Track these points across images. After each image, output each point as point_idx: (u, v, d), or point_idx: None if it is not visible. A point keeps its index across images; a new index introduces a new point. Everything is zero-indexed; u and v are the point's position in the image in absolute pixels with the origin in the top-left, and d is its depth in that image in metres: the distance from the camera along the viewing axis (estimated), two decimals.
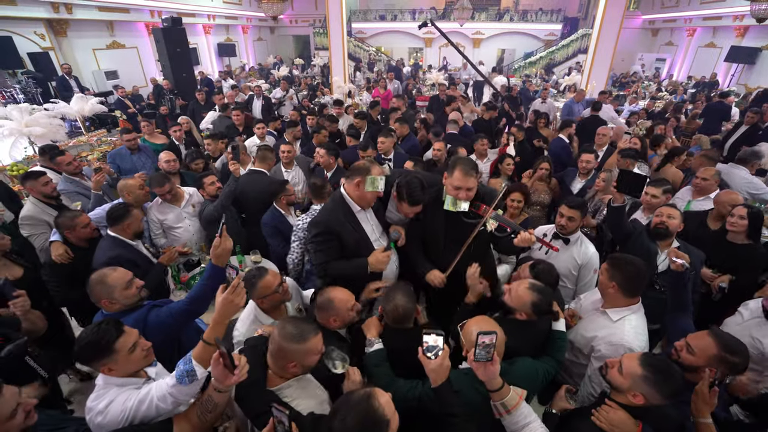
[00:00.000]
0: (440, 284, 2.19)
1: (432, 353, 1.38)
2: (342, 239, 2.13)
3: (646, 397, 1.39)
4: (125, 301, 1.84)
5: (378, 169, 2.10)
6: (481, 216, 2.07)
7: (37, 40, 9.52)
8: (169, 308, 1.90)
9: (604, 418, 1.41)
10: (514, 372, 1.60)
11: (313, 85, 11.79)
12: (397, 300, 1.82)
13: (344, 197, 2.16)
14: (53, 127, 5.43)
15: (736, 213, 2.64)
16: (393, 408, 1.18)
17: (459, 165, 2.04)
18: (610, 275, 1.87)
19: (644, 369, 1.39)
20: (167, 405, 1.38)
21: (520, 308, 1.81)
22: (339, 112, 6.15)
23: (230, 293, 1.44)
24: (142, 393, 1.40)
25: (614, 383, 1.47)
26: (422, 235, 2.33)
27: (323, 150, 3.79)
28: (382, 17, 20.47)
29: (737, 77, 13.16)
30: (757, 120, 5.48)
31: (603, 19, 8.60)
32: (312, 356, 1.47)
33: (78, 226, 2.57)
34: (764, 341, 1.97)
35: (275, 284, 1.90)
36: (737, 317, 2.22)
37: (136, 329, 1.51)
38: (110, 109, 8.02)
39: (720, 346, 1.54)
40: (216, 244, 1.71)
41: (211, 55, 16.19)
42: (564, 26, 18.80)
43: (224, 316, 1.45)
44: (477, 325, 1.57)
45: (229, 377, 1.28)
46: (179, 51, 9.17)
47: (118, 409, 1.36)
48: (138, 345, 1.47)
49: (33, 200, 3.14)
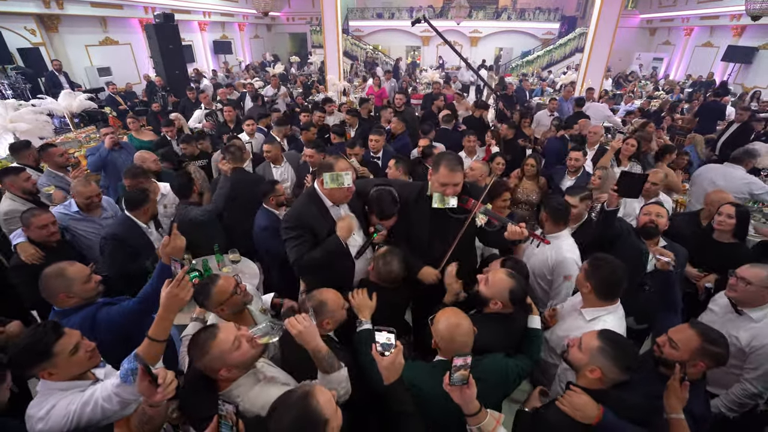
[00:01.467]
0: (434, 281, 2.15)
1: (386, 350, 1.36)
2: (315, 233, 2.10)
3: (603, 370, 1.45)
4: (84, 294, 1.79)
5: (342, 164, 2.06)
6: (469, 211, 2.06)
7: (27, 36, 9.42)
8: (120, 307, 1.85)
9: (567, 403, 1.44)
10: (482, 366, 1.56)
11: (308, 83, 11.73)
12: (393, 265, 2.02)
13: (317, 193, 2.14)
14: (39, 123, 5.35)
15: (724, 212, 2.60)
16: (334, 407, 1.14)
17: (444, 161, 2.00)
18: (587, 275, 1.85)
19: (600, 341, 1.47)
20: (113, 406, 1.32)
21: (496, 296, 1.79)
22: (331, 109, 6.09)
23: (174, 287, 1.39)
24: (86, 395, 1.34)
25: (574, 362, 1.54)
26: (407, 234, 2.28)
27: (312, 150, 3.74)
28: (380, 15, 20.38)
29: (734, 77, 13.14)
30: (747, 118, 5.44)
31: (599, 18, 8.53)
32: (230, 354, 1.35)
33: (32, 225, 2.42)
34: (739, 335, 1.95)
35: (230, 287, 1.79)
36: (710, 314, 2.19)
37: (78, 330, 1.44)
38: (101, 106, 7.93)
39: (702, 337, 1.54)
40: (165, 243, 1.69)
41: (207, 53, 16.08)
42: (562, 25, 18.75)
43: (169, 311, 1.41)
44: (446, 316, 1.55)
45: (154, 393, 1.21)
46: (172, 47, 9.09)
47: (60, 414, 1.30)
48: (80, 346, 1.40)
49: (10, 196, 3.08)
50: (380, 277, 2.08)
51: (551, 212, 2.40)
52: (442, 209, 2.04)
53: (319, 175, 2.08)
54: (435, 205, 2.03)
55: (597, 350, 1.46)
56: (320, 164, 2.09)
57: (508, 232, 1.96)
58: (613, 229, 2.57)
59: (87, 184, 2.86)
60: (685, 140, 5.71)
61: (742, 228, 2.59)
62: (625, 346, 1.48)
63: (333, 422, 1.11)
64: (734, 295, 2.01)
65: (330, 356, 1.44)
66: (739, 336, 1.95)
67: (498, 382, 1.63)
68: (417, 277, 2.18)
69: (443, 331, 1.53)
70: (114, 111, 7.83)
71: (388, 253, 2.07)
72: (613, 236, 2.58)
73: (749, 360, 1.91)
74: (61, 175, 3.61)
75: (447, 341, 1.53)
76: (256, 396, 1.40)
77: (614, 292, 1.82)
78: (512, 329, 1.84)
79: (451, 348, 1.52)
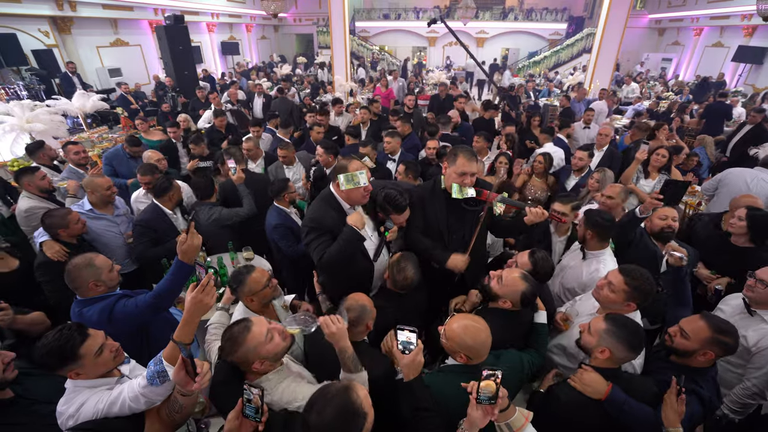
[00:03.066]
0: (464, 266, 2.16)
1: (406, 349, 1.40)
2: (333, 234, 2.11)
3: (612, 350, 1.53)
4: (110, 283, 1.90)
5: (356, 163, 2.08)
6: (485, 202, 2.13)
7: (41, 38, 9.59)
8: (135, 300, 1.92)
9: (578, 379, 1.55)
10: (502, 364, 1.60)
11: (315, 84, 11.80)
12: (408, 271, 1.98)
13: (334, 196, 2.15)
14: (54, 123, 5.48)
15: (737, 214, 2.58)
16: (370, 402, 1.17)
17: (461, 152, 2.08)
18: (629, 296, 1.77)
19: (607, 323, 1.57)
20: (140, 405, 1.36)
21: (507, 296, 1.83)
22: (339, 110, 6.13)
23: (199, 292, 1.41)
24: (113, 394, 1.38)
25: (586, 345, 1.63)
26: (422, 228, 2.31)
27: (322, 149, 3.79)
28: (386, 16, 20.43)
29: (744, 77, 12.98)
30: (760, 120, 5.38)
31: (607, 18, 8.51)
32: (264, 346, 1.39)
33: (71, 222, 2.54)
34: (747, 334, 1.95)
35: (264, 280, 1.89)
36: (719, 314, 2.16)
37: (101, 331, 1.48)
38: (112, 107, 8.06)
39: (712, 327, 1.60)
40: (182, 240, 1.71)
41: (215, 54, 16.23)
42: (569, 25, 18.65)
43: (194, 316, 1.43)
44: (459, 323, 1.53)
45: (190, 383, 1.26)
46: (181, 48, 9.20)
47: (90, 412, 1.35)
48: (105, 347, 1.45)
49: (27, 194, 3.18)
50: (396, 285, 2.04)
51: (598, 230, 2.23)
52: (458, 202, 2.10)
53: (334, 179, 2.09)
54: (454, 195, 2.08)
55: (605, 332, 1.56)
56: (334, 168, 2.11)
57: (530, 214, 2.04)
58: (633, 235, 2.56)
59: (100, 175, 2.96)
60: (695, 142, 5.66)
61: (760, 232, 2.53)
62: (631, 327, 1.56)
63: (370, 417, 1.14)
64: (751, 296, 2.01)
65: (355, 357, 1.47)
66: (747, 335, 1.95)
67: (515, 378, 1.66)
68: (446, 266, 2.18)
69: (470, 343, 1.48)
70: (125, 111, 7.94)
71: (401, 258, 2.05)
72: (629, 242, 2.58)
73: (753, 360, 1.92)
74: (81, 171, 3.73)
75: (467, 349, 1.50)
76: (283, 391, 1.44)
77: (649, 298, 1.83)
78: (516, 325, 1.87)
79: (482, 354, 1.51)
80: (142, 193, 3.23)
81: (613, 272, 1.83)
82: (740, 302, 2.10)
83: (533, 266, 2.03)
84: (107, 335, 1.54)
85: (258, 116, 7.45)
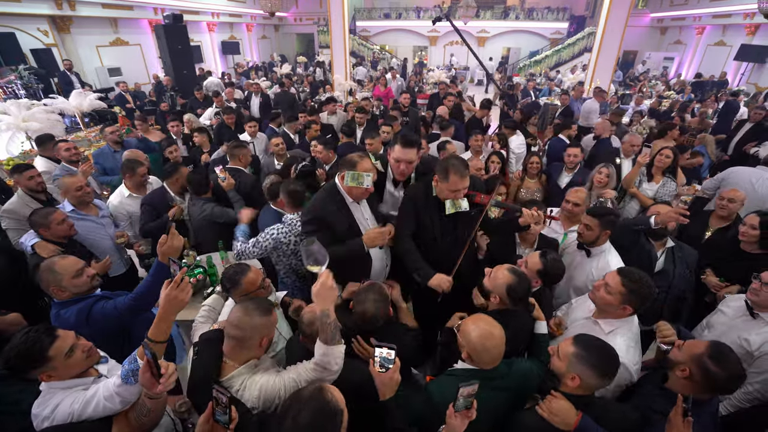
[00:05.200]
0: (447, 288, 2.08)
1: (383, 366, 1.35)
2: (334, 228, 2.09)
3: (582, 376, 1.40)
4: (74, 289, 1.83)
5: (367, 164, 2.05)
6: (481, 205, 2.09)
7: (40, 37, 9.59)
8: (115, 302, 1.87)
9: (546, 407, 1.42)
10: (514, 374, 1.57)
11: (315, 83, 11.77)
12: (367, 305, 1.75)
13: (338, 187, 2.13)
14: (51, 122, 5.48)
15: (748, 222, 2.47)
16: (343, 399, 1.17)
17: (452, 169, 1.99)
18: (625, 299, 1.70)
19: (576, 347, 1.44)
20: (115, 405, 1.34)
21: (495, 290, 1.81)
22: (333, 109, 6.11)
23: (173, 289, 1.38)
24: (88, 394, 1.36)
25: (556, 370, 1.49)
26: (413, 231, 2.25)
27: (320, 146, 3.76)
28: (387, 15, 20.40)
29: (747, 76, 12.88)
30: (762, 118, 5.31)
31: (608, 17, 8.45)
32: (274, 329, 1.52)
33: (53, 222, 2.44)
34: (750, 338, 1.90)
35: (259, 280, 1.88)
36: (721, 316, 2.14)
37: (72, 332, 1.44)
38: (110, 105, 8.05)
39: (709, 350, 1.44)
40: (162, 242, 1.68)
41: (215, 53, 16.23)
42: (570, 25, 18.57)
43: (168, 313, 1.40)
44: (475, 323, 1.51)
45: (155, 385, 1.22)
46: (180, 48, 9.20)
47: (65, 413, 1.32)
48: (76, 347, 1.41)
49: (20, 193, 3.14)
50: (358, 319, 1.78)
51: (604, 222, 2.17)
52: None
53: (341, 170, 2.06)
54: (449, 211, 2.06)
55: (573, 356, 1.43)
56: (344, 160, 2.06)
57: (526, 216, 2.01)
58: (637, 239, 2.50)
59: (70, 175, 2.87)
60: (695, 140, 5.58)
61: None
62: (602, 351, 1.43)
63: (345, 414, 1.14)
64: (755, 299, 1.95)
65: (335, 328, 1.43)
66: (750, 339, 1.90)
67: (525, 388, 1.59)
68: (429, 285, 2.11)
69: (476, 342, 1.46)
70: (123, 110, 7.93)
71: (367, 290, 1.82)
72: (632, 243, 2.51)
73: (756, 364, 1.86)
74: (74, 169, 3.70)
75: (480, 353, 1.47)
76: (261, 387, 1.42)
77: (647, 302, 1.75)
78: (513, 327, 1.79)
79: (483, 359, 1.48)
80: (125, 194, 3.18)
81: (611, 273, 1.78)
82: (742, 304, 2.04)
83: (544, 267, 2.00)
84: (83, 336, 1.51)
85: (255, 115, 7.41)
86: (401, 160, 2.17)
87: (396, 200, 2.39)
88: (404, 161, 2.16)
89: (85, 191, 2.84)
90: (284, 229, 2.47)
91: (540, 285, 2.07)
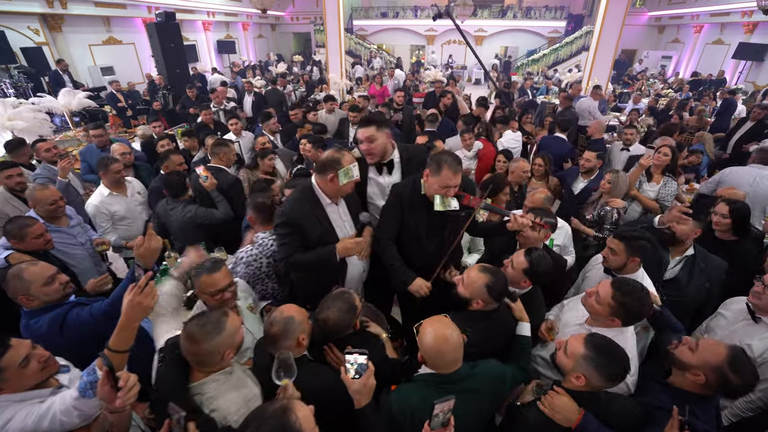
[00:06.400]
0: (426, 293, 2.03)
1: (356, 373, 1.28)
2: (305, 232, 2.00)
3: (588, 377, 1.37)
4: (45, 297, 1.72)
5: (349, 157, 1.98)
6: (470, 207, 2.00)
7: (30, 35, 9.47)
8: (91, 308, 1.77)
9: (548, 404, 1.40)
10: (479, 375, 1.49)
11: (311, 82, 11.68)
12: (329, 313, 1.65)
13: (314, 189, 2.04)
14: (37, 121, 5.36)
15: (719, 211, 2.49)
16: (312, 423, 1.07)
17: (446, 163, 1.91)
18: (613, 311, 1.62)
19: (586, 348, 1.39)
20: (72, 419, 1.25)
21: (475, 295, 1.72)
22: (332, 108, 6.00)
23: (137, 294, 1.30)
24: (43, 408, 1.27)
25: (561, 366, 1.46)
26: (395, 232, 2.16)
27: (309, 144, 3.66)
28: (384, 14, 20.29)
29: (745, 75, 12.83)
30: (762, 116, 5.24)
31: (605, 15, 8.40)
32: (239, 334, 1.40)
33: (29, 236, 2.24)
34: (753, 344, 1.81)
35: (221, 285, 1.69)
36: (720, 320, 2.05)
37: (28, 341, 1.35)
38: (101, 105, 7.94)
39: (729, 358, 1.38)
40: (139, 243, 1.57)
41: (211, 52, 16.11)
42: (568, 23, 18.48)
43: (131, 320, 1.32)
44: (432, 328, 1.43)
45: (114, 398, 1.13)
46: (173, 46, 9.08)
47: (17, 429, 1.23)
48: (32, 357, 1.32)
49: (2, 190, 3.09)
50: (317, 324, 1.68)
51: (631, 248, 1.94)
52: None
53: (319, 171, 1.98)
54: (437, 208, 1.96)
55: (582, 357, 1.39)
56: (325, 161, 1.98)
57: (515, 223, 1.94)
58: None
59: (44, 188, 2.62)
60: (694, 138, 5.50)
61: (739, 225, 2.48)
62: (613, 355, 1.38)
63: None
64: (758, 303, 1.86)
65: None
66: (752, 345, 1.81)
67: (495, 392, 1.55)
68: (409, 290, 2.04)
69: (430, 346, 1.40)
70: (114, 109, 7.82)
71: (333, 297, 1.72)
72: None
73: (759, 371, 1.77)
74: (55, 168, 3.58)
75: (434, 357, 1.42)
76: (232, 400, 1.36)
77: (638, 319, 1.69)
78: (498, 328, 1.76)
79: (439, 364, 1.43)
80: (104, 194, 3.06)
81: (605, 283, 1.68)
82: (743, 307, 1.95)
83: (530, 265, 1.90)
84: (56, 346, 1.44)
85: (248, 114, 7.31)
86: (362, 140, 2.16)
87: (382, 186, 2.31)
88: (364, 139, 2.14)
89: (59, 205, 2.61)
90: (254, 251, 2.27)
91: (529, 286, 1.97)
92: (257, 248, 2.29)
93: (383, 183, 2.31)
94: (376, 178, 2.32)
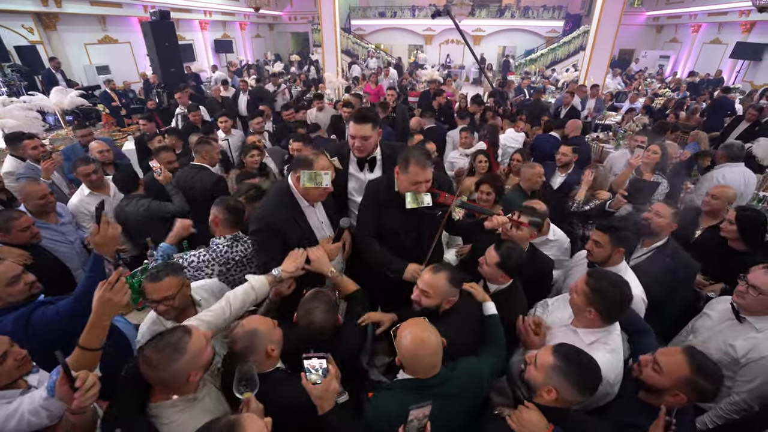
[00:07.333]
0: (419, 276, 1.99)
1: (317, 378, 1.25)
2: (285, 237, 1.94)
3: (559, 390, 1.31)
4: (9, 298, 1.68)
5: (323, 162, 1.92)
6: (445, 205, 1.96)
7: (25, 34, 9.43)
8: (56, 306, 1.72)
9: (515, 418, 1.33)
10: (459, 377, 1.44)
11: (308, 81, 11.64)
12: (313, 316, 1.62)
13: (291, 190, 1.97)
14: (28, 119, 5.32)
15: (728, 217, 2.42)
16: None
17: (413, 158, 1.86)
18: (589, 300, 1.58)
19: (556, 358, 1.33)
20: (41, 419, 1.22)
21: (443, 298, 1.71)
22: (321, 106, 5.99)
23: (107, 290, 1.26)
24: (11, 408, 1.23)
25: (532, 381, 1.39)
26: (376, 230, 2.13)
27: (298, 143, 3.63)
28: (382, 14, 20.26)
29: (743, 74, 12.82)
30: (757, 117, 5.23)
31: (601, 15, 8.36)
32: (204, 354, 1.28)
33: (14, 229, 2.23)
34: (736, 344, 1.77)
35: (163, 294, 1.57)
36: (706, 320, 2.01)
37: (7, 336, 1.32)
38: (94, 104, 7.90)
39: (693, 366, 1.33)
40: (94, 232, 1.53)
41: (208, 52, 16.06)
42: (566, 23, 18.46)
43: (101, 318, 1.28)
44: (410, 331, 1.39)
45: (72, 399, 1.09)
46: (168, 45, 9.01)
47: None
48: (9, 354, 1.29)
49: None
50: (301, 327, 1.64)
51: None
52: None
53: (295, 171, 1.91)
54: (409, 206, 1.90)
55: (552, 368, 1.32)
56: (297, 159, 1.95)
57: (493, 222, 1.91)
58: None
59: (34, 183, 2.62)
60: (689, 137, 5.47)
61: (749, 234, 2.33)
62: (584, 365, 1.33)
63: None
64: (741, 302, 1.82)
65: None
66: (736, 345, 1.77)
67: (473, 395, 1.51)
68: (404, 279, 1.99)
69: (408, 350, 1.36)
70: (107, 108, 7.77)
71: (313, 297, 1.69)
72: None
73: (743, 372, 1.74)
74: (39, 167, 3.54)
75: (412, 362, 1.38)
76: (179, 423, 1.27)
77: (622, 313, 1.63)
78: (472, 322, 1.75)
79: (417, 368, 1.39)
80: (85, 193, 3.02)
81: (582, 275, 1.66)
82: (728, 307, 1.91)
83: (501, 258, 1.86)
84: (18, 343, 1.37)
85: (243, 113, 7.29)
86: (356, 136, 2.15)
87: (362, 183, 2.28)
88: (359, 137, 2.13)
89: (48, 200, 2.60)
90: (206, 256, 2.10)
91: (509, 280, 1.94)
92: (210, 253, 2.13)
93: (364, 179, 2.28)
94: (357, 174, 2.28)
